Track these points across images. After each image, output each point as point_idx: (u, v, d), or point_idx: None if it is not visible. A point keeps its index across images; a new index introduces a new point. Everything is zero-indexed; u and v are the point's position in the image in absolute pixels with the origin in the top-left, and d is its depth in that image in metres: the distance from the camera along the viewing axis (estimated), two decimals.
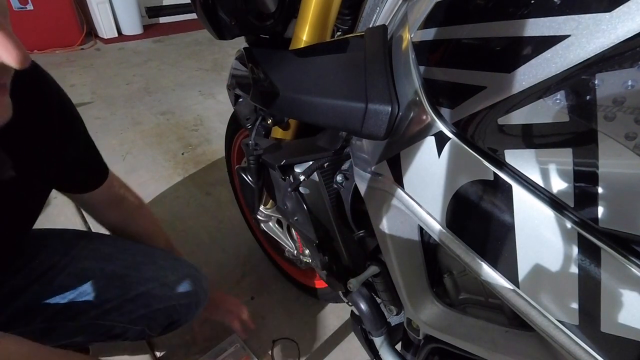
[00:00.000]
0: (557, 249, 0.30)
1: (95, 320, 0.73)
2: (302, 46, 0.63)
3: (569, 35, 0.27)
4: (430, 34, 0.38)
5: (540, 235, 0.31)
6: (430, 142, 0.37)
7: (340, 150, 0.63)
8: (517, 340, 0.42)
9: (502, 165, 0.32)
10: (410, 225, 0.48)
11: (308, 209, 0.66)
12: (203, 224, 1.47)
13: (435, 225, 0.40)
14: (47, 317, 0.70)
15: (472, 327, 0.47)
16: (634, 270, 0.26)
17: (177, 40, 3.56)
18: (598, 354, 0.30)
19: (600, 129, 0.26)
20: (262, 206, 0.92)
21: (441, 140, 0.36)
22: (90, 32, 3.43)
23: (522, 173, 0.31)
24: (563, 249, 0.29)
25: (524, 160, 0.31)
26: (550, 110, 0.28)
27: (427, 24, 0.39)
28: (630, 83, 0.24)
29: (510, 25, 0.30)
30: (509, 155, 0.32)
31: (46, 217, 1.38)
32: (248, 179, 0.81)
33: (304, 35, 0.63)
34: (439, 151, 0.37)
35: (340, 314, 1.17)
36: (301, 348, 1.07)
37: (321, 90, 0.48)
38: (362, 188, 0.52)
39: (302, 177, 0.64)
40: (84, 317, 0.72)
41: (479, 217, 0.35)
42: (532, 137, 0.30)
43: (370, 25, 0.59)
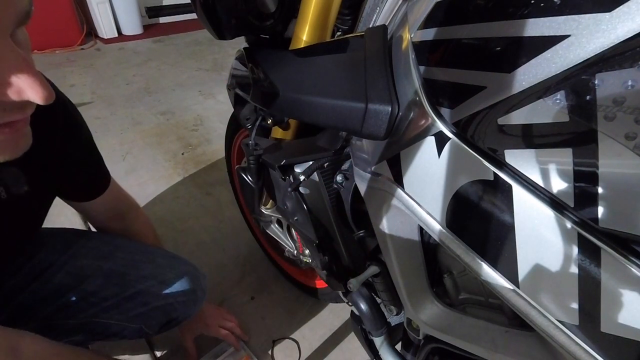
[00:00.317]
0: (557, 249, 0.30)
1: (93, 319, 0.73)
2: (302, 46, 0.64)
3: (569, 35, 0.26)
4: (430, 34, 0.38)
5: (540, 235, 0.31)
6: (430, 142, 0.37)
7: (340, 150, 0.63)
8: (517, 340, 0.42)
9: (502, 165, 0.32)
10: (410, 225, 0.48)
11: (308, 209, 0.66)
12: (203, 224, 1.47)
13: (435, 225, 0.40)
14: (46, 316, 0.70)
15: (472, 327, 0.47)
16: (634, 270, 0.26)
17: (177, 40, 3.56)
18: (598, 354, 0.30)
19: (600, 129, 0.26)
20: (262, 206, 0.92)
21: (441, 140, 0.36)
22: (90, 32, 3.43)
23: (522, 173, 0.31)
24: (563, 249, 0.29)
25: (524, 160, 0.31)
26: (550, 110, 0.28)
27: (427, 24, 0.39)
28: (630, 83, 0.24)
29: (510, 25, 0.30)
30: (509, 155, 0.32)
31: (46, 216, 1.38)
32: (248, 179, 0.81)
33: (304, 35, 0.63)
34: (439, 151, 0.37)
35: (340, 314, 1.17)
36: (301, 348, 1.07)
37: (321, 90, 0.48)
38: (362, 188, 0.52)
39: (302, 177, 0.64)
40: (82, 315, 0.72)
41: (479, 217, 0.35)
42: (532, 137, 0.30)
43: (370, 25, 0.59)
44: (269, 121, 0.67)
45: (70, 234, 0.79)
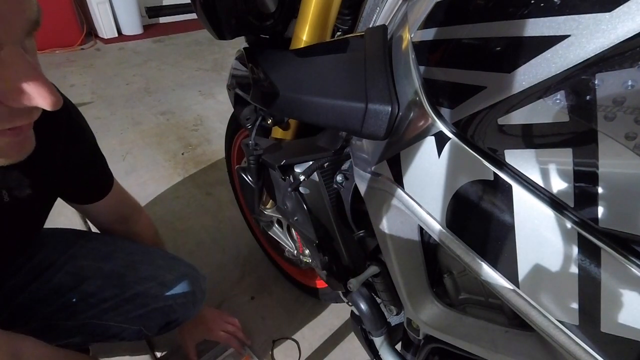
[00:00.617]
0: (557, 249, 0.30)
1: (93, 320, 0.73)
2: (302, 46, 0.63)
3: (569, 35, 0.26)
4: (430, 34, 0.38)
5: (540, 235, 0.31)
6: (430, 142, 0.37)
7: (340, 150, 0.63)
8: (517, 340, 0.42)
9: (502, 165, 0.32)
10: (410, 225, 0.48)
11: (308, 209, 0.66)
12: (203, 224, 1.47)
13: (435, 225, 0.40)
14: (46, 316, 0.70)
15: (472, 327, 0.47)
16: (634, 270, 0.26)
17: (177, 40, 3.56)
18: (598, 354, 0.30)
19: (600, 129, 0.26)
20: (262, 206, 0.92)
21: (441, 140, 0.36)
22: (90, 32, 3.43)
23: (522, 173, 0.31)
24: (563, 249, 0.29)
25: (524, 160, 0.31)
26: (550, 110, 0.28)
27: (427, 24, 0.39)
28: (630, 83, 0.24)
29: (510, 25, 0.30)
30: (509, 155, 0.32)
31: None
32: (248, 179, 0.81)
33: (304, 35, 0.63)
34: (439, 151, 0.37)
35: (341, 313, 1.17)
36: (301, 348, 1.07)
37: (321, 90, 0.48)
38: (362, 188, 0.52)
39: (302, 177, 0.64)
40: (81, 316, 0.72)
41: (479, 217, 0.35)
42: (532, 137, 0.30)
43: (370, 25, 0.59)
44: (269, 121, 0.67)
45: (70, 234, 0.79)
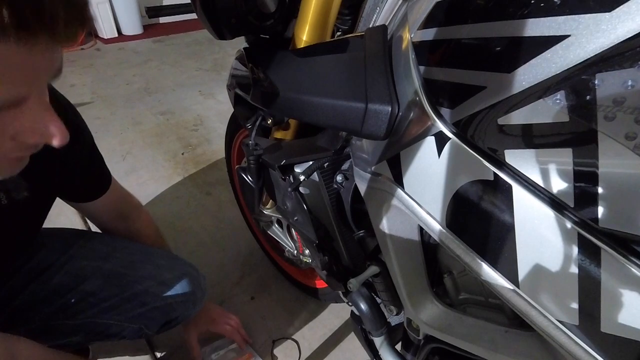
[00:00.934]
0: (557, 249, 0.30)
1: (93, 319, 0.73)
2: (302, 46, 0.63)
3: (569, 35, 0.26)
4: (430, 34, 0.38)
5: (540, 235, 0.31)
6: (430, 142, 0.37)
7: (340, 150, 0.63)
8: (517, 340, 0.42)
9: (502, 165, 0.32)
10: (410, 225, 0.48)
11: (308, 209, 0.66)
12: (203, 224, 1.47)
13: (435, 225, 0.40)
14: (46, 316, 0.70)
15: (472, 327, 0.47)
16: (634, 270, 0.26)
17: (177, 40, 3.56)
18: (598, 354, 0.30)
19: (600, 129, 0.26)
20: (262, 206, 0.92)
21: (441, 140, 0.36)
22: (90, 32, 3.43)
23: (522, 173, 0.31)
24: (563, 249, 0.29)
25: (524, 160, 0.31)
26: (550, 110, 0.28)
27: (427, 24, 0.39)
28: (630, 83, 0.24)
29: (510, 25, 0.30)
30: (509, 155, 0.32)
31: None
32: (248, 179, 0.81)
33: (304, 35, 0.63)
34: (439, 151, 0.37)
35: (341, 313, 1.17)
36: (301, 348, 1.07)
37: (321, 90, 0.48)
38: (362, 188, 0.52)
39: (302, 177, 0.64)
40: (81, 316, 0.72)
41: (479, 217, 0.35)
42: (532, 137, 0.30)
43: (370, 25, 0.59)
44: (269, 121, 0.67)
45: (69, 234, 0.79)
